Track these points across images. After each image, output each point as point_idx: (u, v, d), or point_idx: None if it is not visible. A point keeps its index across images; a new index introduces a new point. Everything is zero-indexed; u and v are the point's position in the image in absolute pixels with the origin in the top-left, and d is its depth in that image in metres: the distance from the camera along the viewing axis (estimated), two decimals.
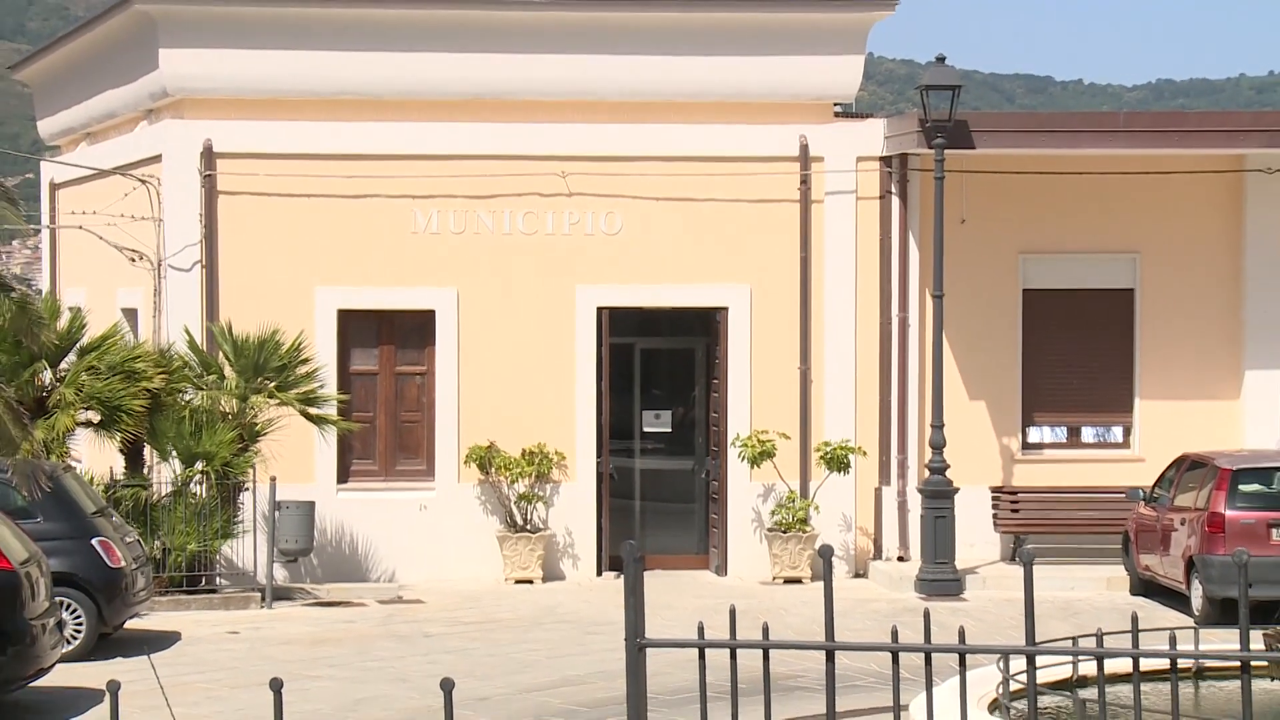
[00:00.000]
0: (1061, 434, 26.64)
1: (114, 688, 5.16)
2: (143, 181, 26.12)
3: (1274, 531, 21.52)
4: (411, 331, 25.78)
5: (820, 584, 4.77)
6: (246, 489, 23.93)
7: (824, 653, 4.84)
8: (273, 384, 24.05)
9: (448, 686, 4.99)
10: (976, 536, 25.29)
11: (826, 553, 4.98)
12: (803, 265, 25.76)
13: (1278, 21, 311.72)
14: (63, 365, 23.89)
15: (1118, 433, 26.64)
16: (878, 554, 25.93)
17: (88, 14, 32.05)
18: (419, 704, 16.78)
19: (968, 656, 4.93)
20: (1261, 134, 26.47)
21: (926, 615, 5.40)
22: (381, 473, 25.82)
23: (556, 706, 17.07)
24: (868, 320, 25.92)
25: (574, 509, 25.62)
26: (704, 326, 26.24)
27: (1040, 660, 6.82)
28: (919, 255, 25.62)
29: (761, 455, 25.22)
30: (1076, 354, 26.35)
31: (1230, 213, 26.48)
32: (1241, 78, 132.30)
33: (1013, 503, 25.75)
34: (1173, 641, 5.31)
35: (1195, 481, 22.55)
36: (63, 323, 24.13)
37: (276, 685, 5.13)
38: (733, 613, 5.27)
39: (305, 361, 24.36)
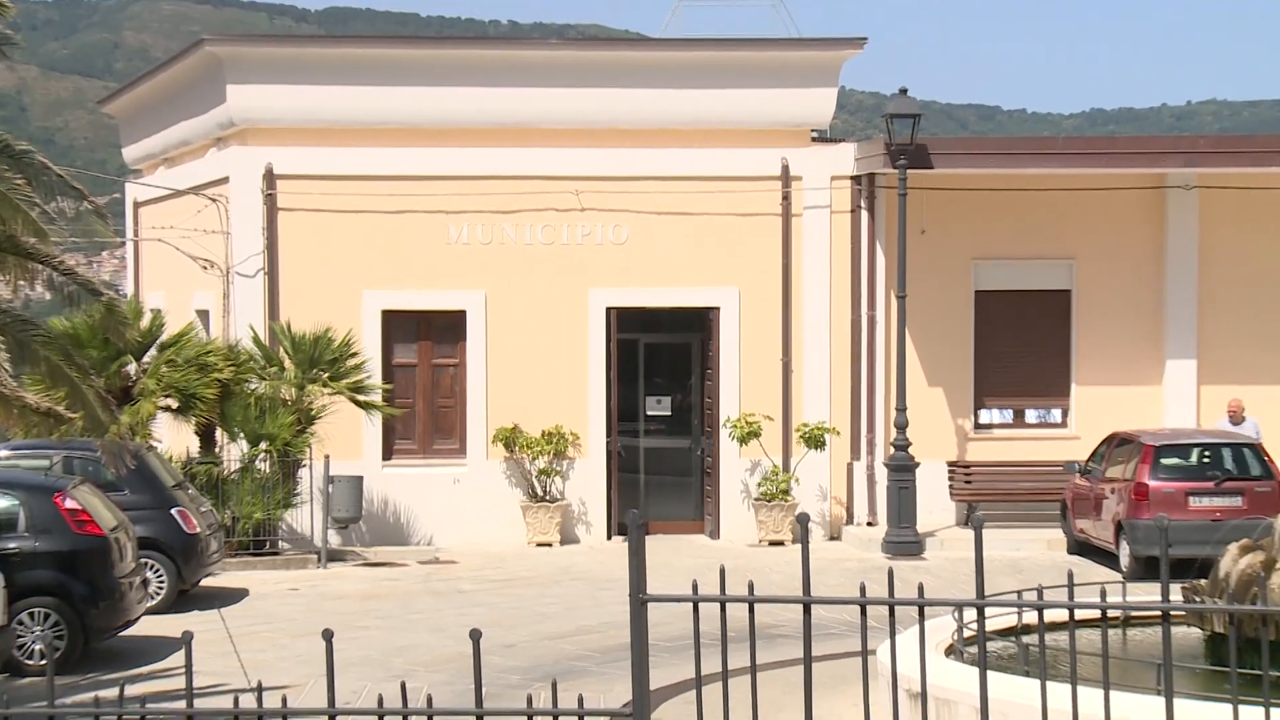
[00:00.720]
0: (1008, 415, 26.61)
1: (188, 638, 5.16)
2: (213, 200, 26.14)
3: (1191, 499, 21.51)
4: (445, 329, 25.77)
5: (800, 546, 4.77)
6: (304, 465, 23.97)
7: (802, 606, 4.83)
8: (326, 375, 24.08)
9: (476, 636, 4.98)
10: (935, 504, 25.29)
11: (804, 519, 4.98)
12: (784, 270, 25.74)
13: (1193, 57, 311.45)
14: (145, 359, 23.91)
15: (1057, 414, 26.62)
16: (849, 520, 25.93)
17: (165, 56, 32.00)
18: (454, 650, 16.78)
19: (926, 609, 4.93)
20: (1180, 155, 26.64)
21: (890, 573, 5.39)
22: (420, 451, 25.82)
23: (572, 652, 17.09)
24: (840, 317, 25.90)
25: (587, 482, 25.63)
26: (699, 324, 26.22)
27: (989, 611, 6.82)
28: (885, 261, 25.60)
29: (749, 435, 25.24)
30: (1021, 346, 26.32)
31: (1153, 224, 26.44)
32: (1163, 107, 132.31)
33: (966, 475, 25.77)
34: (1103, 595, 5.31)
35: (1123, 456, 22.55)
36: (145, 322, 24.18)
37: (328, 635, 5.13)
38: (723, 572, 5.26)
39: (354, 355, 24.38)
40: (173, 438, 25.48)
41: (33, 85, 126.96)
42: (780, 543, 24.91)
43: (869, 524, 25.52)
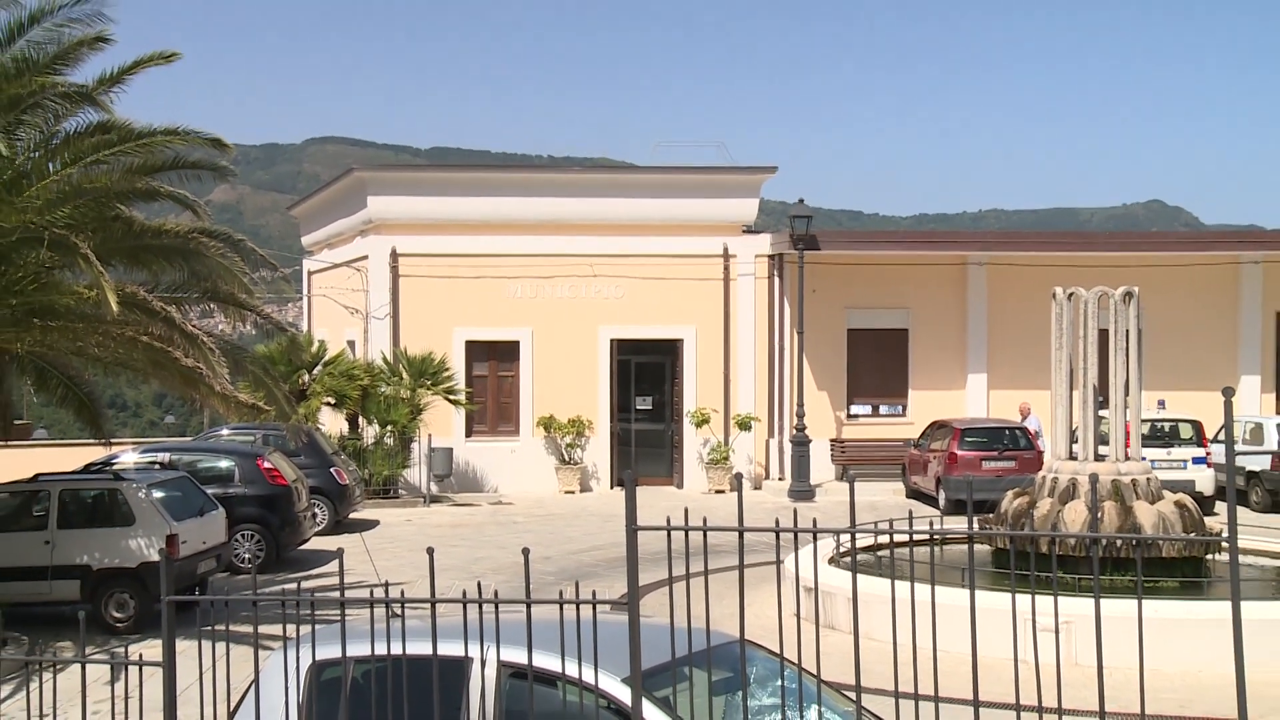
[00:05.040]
0: (869, 409, 26.59)
1: (340, 552, 5.14)
2: (357, 270, 26.11)
3: (984, 463, 21.50)
4: (506, 352, 25.74)
5: (736, 494, 4.70)
6: (415, 440, 23.91)
7: (737, 533, 4.81)
8: (429, 382, 24.05)
9: (525, 551, 4.96)
10: (823, 466, 25.26)
11: (739, 477, 4.96)
12: (725, 315, 25.73)
13: (981, 178, 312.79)
14: (314, 372, 23.87)
15: (899, 408, 26.59)
16: (768, 476, 25.89)
17: (329, 179, 31.96)
18: (511, 560, 16.75)
19: (817, 534, 4.92)
20: (977, 244, 27.03)
21: (795, 512, 5.38)
22: (490, 431, 25.75)
23: (589, 561, 17.04)
24: (761, 346, 25.89)
25: (597, 451, 25.57)
26: (670, 349, 26.18)
27: (858, 535, 6.80)
28: (789, 310, 25.61)
29: (702, 421, 25.21)
30: (877, 364, 26.33)
31: (959, 286, 26.49)
32: (964, 211, 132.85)
33: (842, 447, 25.72)
34: (930, 524, 5.28)
35: (942, 435, 22.55)
36: (314, 349, 24.16)
37: (429, 550, 5.11)
38: (686, 511, 5.24)
39: (447, 370, 24.35)
40: (331, 422, 25.42)
41: (245, 198, 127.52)
42: (722, 491, 24.86)
43: (780, 479, 25.48)
